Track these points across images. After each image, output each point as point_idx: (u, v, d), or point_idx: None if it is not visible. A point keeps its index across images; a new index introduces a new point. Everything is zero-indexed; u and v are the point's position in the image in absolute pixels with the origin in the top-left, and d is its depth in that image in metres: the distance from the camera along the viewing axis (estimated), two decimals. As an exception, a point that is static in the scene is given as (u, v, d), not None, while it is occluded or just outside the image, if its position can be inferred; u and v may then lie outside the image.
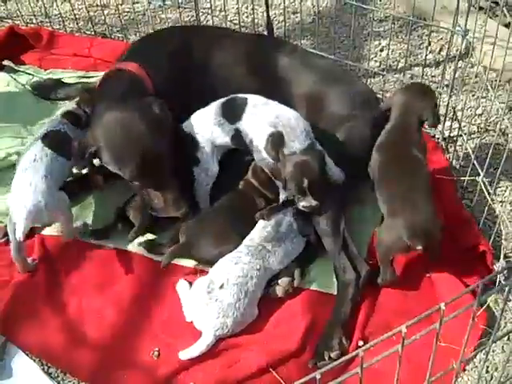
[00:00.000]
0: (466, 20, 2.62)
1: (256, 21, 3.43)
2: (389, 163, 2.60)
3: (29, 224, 2.49)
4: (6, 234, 2.69)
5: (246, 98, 2.67)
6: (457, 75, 2.90)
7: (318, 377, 1.25)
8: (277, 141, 2.54)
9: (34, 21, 3.71)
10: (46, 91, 3.32)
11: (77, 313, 2.51)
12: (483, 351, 2.31)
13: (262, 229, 2.53)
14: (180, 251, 2.55)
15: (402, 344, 1.35)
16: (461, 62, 3.00)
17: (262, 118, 2.60)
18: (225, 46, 2.97)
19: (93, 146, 2.54)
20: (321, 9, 3.36)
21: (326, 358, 2.35)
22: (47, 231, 2.74)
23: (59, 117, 2.82)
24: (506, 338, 2.38)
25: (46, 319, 2.48)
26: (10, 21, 3.73)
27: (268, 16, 3.15)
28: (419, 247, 2.36)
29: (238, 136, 2.66)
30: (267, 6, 3.14)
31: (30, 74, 3.43)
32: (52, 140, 2.67)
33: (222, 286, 2.37)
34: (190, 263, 2.61)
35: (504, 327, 2.43)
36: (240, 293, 2.37)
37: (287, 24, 3.38)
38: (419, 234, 2.37)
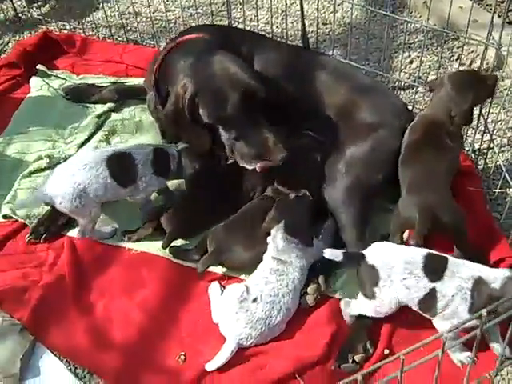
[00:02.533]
0: (501, 33, 2.59)
1: (285, 31, 3.44)
2: (418, 142, 2.63)
3: (39, 201, 2.62)
4: (32, 233, 2.73)
5: None
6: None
7: (360, 378, 1.23)
8: None
9: (68, 27, 3.76)
10: (79, 95, 3.35)
11: (104, 315, 2.51)
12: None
13: (269, 244, 2.51)
14: (211, 259, 2.55)
15: (442, 350, 1.33)
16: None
17: None
18: (267, 50, 2.96)
19: (189, 94, 2.55)
20: (351, 20, 3.35)
21: (350, 360, 2.33)
22: (75, 232, 2.75)
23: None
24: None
25: (73, 320, 2.48)
26: (44, 26, 3.77)
27: (303, 27, 3.15)
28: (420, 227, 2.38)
29: None
30: (302, 18, 3.14)
31: (62, 78, 3.47)
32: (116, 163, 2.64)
33: (255, 300, 2.37)
34: (217, 269, 2.60)
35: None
36: (272, 310, 2.36)
37: (316, 35, 3.37)
38: (428, 215, 2.40)
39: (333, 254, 2.34)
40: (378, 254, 2.32)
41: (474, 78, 2.69)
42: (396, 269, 2.25)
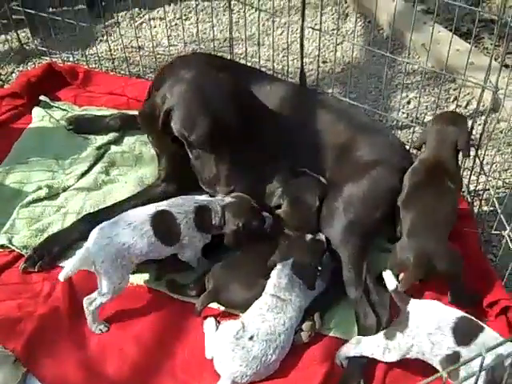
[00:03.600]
0: (498, 76, 2.62)
1: (286, 68, 3.47)
2: (419, 186, 2.63)
3: (78, 265, 2.48)
4: (27, 260, 2.72)
5: None
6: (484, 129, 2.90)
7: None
8: None
9: (72, 59, 3.79)
10: (82, 125, 3.37)
11: (98, 348, 2.49)
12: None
13: (270, 280, 2.50)
14: (209, 298, 2.53)
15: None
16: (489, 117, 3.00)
17: None
18: (261, 88, 2.98)
19: (166, 107, 2.61)
20: (350, 59, 3.39)
21: None
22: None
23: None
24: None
25: (67, 353, 2.46)
26: (48, 58, 3.81)
27: (302, 65, 3.18)
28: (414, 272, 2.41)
29: None
30: (302, 56, 3.18)
31: (64, 109, 3.49)
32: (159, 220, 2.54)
33: (251, 338, 2.35)
34: (213, 304, 2.58)
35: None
36: (268, 349, 2.34)
37: (317, 73, 3.41)
38: (423, 261, 2.42)
39: (389, 281, 2.41)
40: (420, 308, 2.29)
41: (453, 112, 2.89)
42: (426, 323, 2.24)
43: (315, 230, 2.65)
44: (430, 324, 2.23)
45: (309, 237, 2.56)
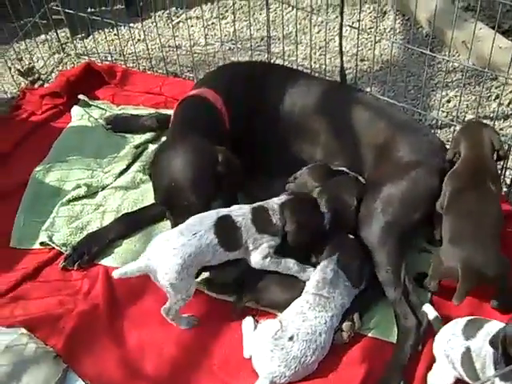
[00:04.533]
0: (542, 75, 2.58)
1: (324, 67, 3.47)
2: (461, 190, 2.59)
3: (136, 271, 2.42)
4: (66, 259, 2.77)
5: None
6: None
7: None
8: None
9: (110, 58, 3.83)
10: (120, 125, 3.41)
11: (137, 346, 2.51)
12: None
13: (312, 277, 2.50)
14: (248, 298, 2.55)
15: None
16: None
17: None
18: (299, 87, 3.01)
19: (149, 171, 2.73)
20: (389, 57, 3.37)
21: None
22: (110, 262, 2.79)
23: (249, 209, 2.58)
24: None
25: (106, 350, 2.49)
26: (86, 57, 3.86)
27: (342, 63, 3.17)
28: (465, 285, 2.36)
29: None
30: (341, 54, 3.17)
31: (102, 108, 3.54)
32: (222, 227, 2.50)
33: (291, 338, 2.34)
34: (252, 303, 2.59)
35: None
36: (308, 349, 2.33)
37: (355, 71, 3.40)
38: (473, 272, 2.38)
39: (430, 312, 2.41)
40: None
41: (477, 121, 2.95)
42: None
43: (353, 229, 2.64)
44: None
45: (351, 235, 2.56)
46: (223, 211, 2.53)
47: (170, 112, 3.19)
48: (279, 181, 2.87)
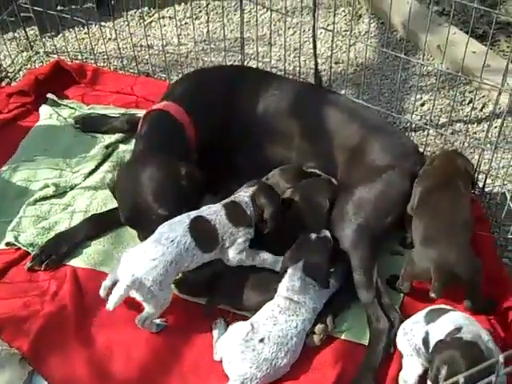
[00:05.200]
0: (516, 79, 2.65)
1: (298, 69, 3.51)
2: (431, 191, 2.64)
3: (126, 293, 2.42)
4: (33, 259, 2.76)
5: None
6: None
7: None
8: None
9: (80, 57, 3.83)
10: (89, 125, 3.41)
11: (105, 348, 2.51)
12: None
13: (282, 283, 2.52)
14: (220, 299, 2.57)
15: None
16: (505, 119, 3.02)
17: None
18: (273, 90, 3.04)
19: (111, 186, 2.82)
20: (364, 60, 3.42)
21: None
22: (78, 262, 2.78)
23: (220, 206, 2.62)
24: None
25: (73, 352, 2.48)
26: (56, 56, 3.85)
27: (316, 66, 3.21)
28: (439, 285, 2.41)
29: None
30: (315, 57, 3.21)
31: (72, 108, 3.53)
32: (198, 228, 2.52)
33: (262, 340, 2.36)
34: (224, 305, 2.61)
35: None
36: (280, 352, 2.35)
37: (330, 73, 3.44)
38: (445, 273, 2.42)
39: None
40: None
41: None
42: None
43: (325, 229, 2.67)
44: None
45: (313, 236, 2.58)
46: (193, 213, 2.56)
47: (142, 112, 3.21)
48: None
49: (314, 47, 3.25)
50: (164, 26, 4.05)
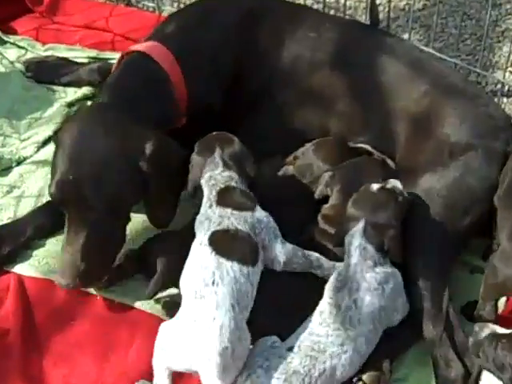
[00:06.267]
0: None
1: (343, 1, 3.50)
2: None
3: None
4: None
5: None
6: None
7: None
8: None
9: (35, -24, 3.83)
10: (45, 72, 3.41)
11: (61, 393, 2.53)
12: None
13: (330, 284, 2.52)
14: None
15: None
16: None
17: None
18: (307, 31, 3.04)
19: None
20: (437, -8, 3.40)
21: None
22: (27, 269, 2.79)
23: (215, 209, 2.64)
24: None
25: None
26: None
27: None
28: None
29: None
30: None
31: (21, 47, 3.54)
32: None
33: (290, 349, 2.38)
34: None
35: None
36: (313, 368, 2.35)
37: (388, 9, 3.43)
38: None
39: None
40: None
41: None
42: None
43: None
44: None
45: (375, 187, 2.60)
46: (199, 238, 2.59)
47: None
48: (273, 162, 2.94)
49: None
50: None
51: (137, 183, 2.61)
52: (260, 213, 2.59)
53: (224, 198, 2.61)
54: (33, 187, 3.02)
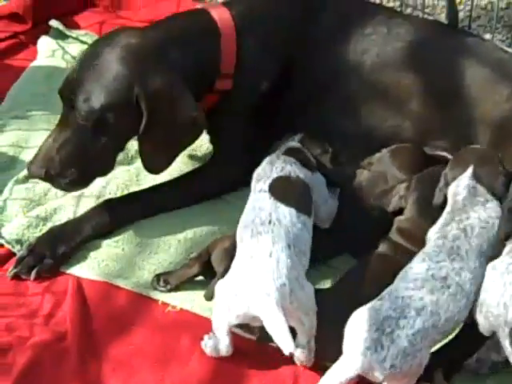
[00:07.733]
0: None
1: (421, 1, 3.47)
2: None
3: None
4: (18, 263, 2.78)
5: None
6: None
7: None
8: None
9: (99, -31, 3.86)
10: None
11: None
12: None
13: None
14: None
15: None
16: None
17: None
18: (380, 28, 3.04)
19: None
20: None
21: None
22: (85, 271, 2.81)
23: (280, 156, 2.84)
24: None
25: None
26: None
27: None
28: None
29: None
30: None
31: (84, 42, 3.55)
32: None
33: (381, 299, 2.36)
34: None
35: None
36: (408, 307, 2.32)
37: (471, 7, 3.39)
38: None
39: None
40: None
41: None
42: None
43: None
44: None
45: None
46: (264, 181, 2.72)
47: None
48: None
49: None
50: None
51: (130, 112, 2.77)
52: (318, 176, 2.81)
53: (291, 153, 2.81)
54: (93, 187, 3.01)
